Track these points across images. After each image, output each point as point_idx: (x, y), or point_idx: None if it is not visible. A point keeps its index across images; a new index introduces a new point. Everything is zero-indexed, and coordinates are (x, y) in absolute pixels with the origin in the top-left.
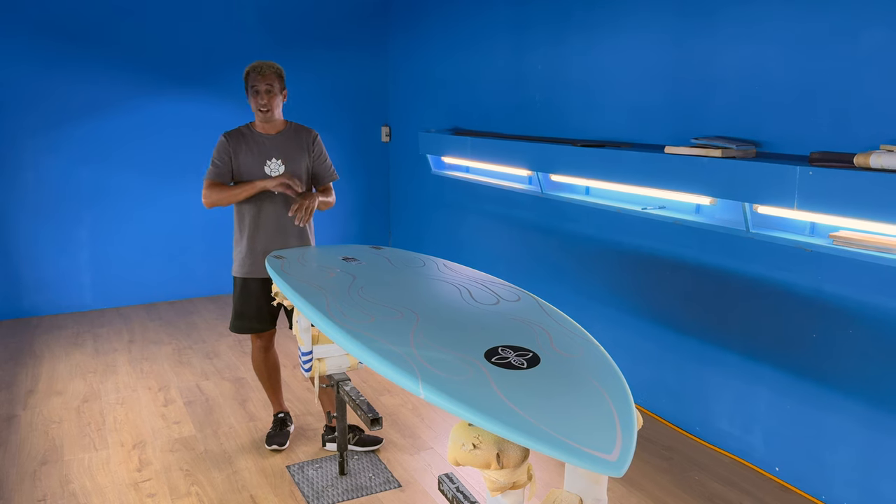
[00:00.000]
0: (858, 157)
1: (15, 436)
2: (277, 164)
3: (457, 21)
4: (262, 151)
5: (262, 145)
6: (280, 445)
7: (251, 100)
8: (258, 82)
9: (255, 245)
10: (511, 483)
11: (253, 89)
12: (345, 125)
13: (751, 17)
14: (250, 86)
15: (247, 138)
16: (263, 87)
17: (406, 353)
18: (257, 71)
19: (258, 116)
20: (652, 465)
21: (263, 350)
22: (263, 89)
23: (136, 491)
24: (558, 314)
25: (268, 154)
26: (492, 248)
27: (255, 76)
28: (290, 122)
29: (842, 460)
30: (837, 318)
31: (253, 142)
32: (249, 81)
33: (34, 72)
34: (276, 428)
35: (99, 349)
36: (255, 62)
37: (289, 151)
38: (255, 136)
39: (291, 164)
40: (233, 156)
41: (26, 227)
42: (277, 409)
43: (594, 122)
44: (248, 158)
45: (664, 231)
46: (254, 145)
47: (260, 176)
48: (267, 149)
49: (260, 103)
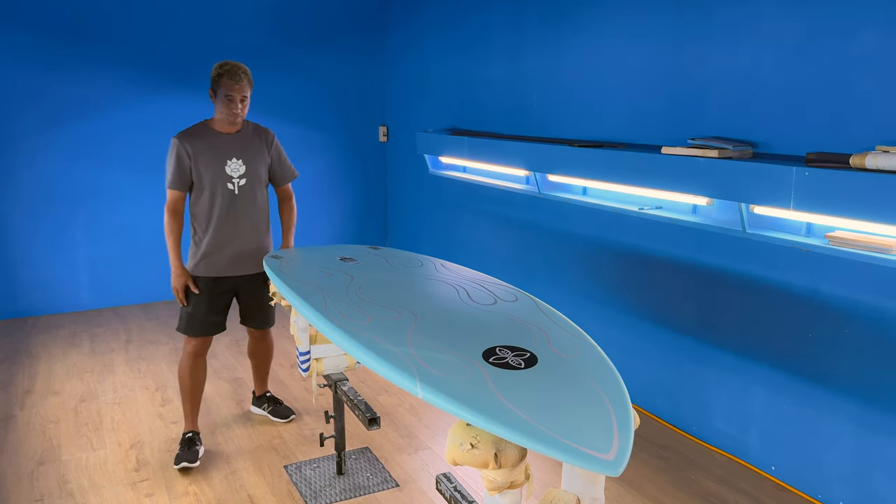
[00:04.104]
0: (854, 157)
1: (12, 436)
2: (238, 164)
3: (454, 21)
4: (222, 151)
5: (222, 145)
6: (190, 462)
7: (222, 105)
8: (233, 91)
9: (211, 244)
10: (509, 482)
11: (227, 97)
12: (342, 125)
13: (747, 17)
14: (224, 93)
15: (204, 138)
16: (238, 96)
17: (404, 352)
18: (232, 77)
19: (226, 121)
20: (649, 464)
21: (194, 356)
22: (238, 98)
23: (134, 490)
24: (555, 314)
25: (228, 154)
26: (489, 249)
27: (230, 83)
28: (247, 121)
29: (838, 459)
30: (833, 318)
31: (211, 141)
32: (222, 87)
33: (29, 71)
34: (184, 448)
35: (96, 349)
36: (227, 64)
37: (249, 151)
38: (213, 136)
39: (252, 165)
40: (191, 158)
41: (22, 226)
42: (189, 427)
43: (591, 123)
44: (208, 159)
45: (661, 231)
46: (212, 145)
47: (221, 176)
48: (227, 148)
49: (234, 112)
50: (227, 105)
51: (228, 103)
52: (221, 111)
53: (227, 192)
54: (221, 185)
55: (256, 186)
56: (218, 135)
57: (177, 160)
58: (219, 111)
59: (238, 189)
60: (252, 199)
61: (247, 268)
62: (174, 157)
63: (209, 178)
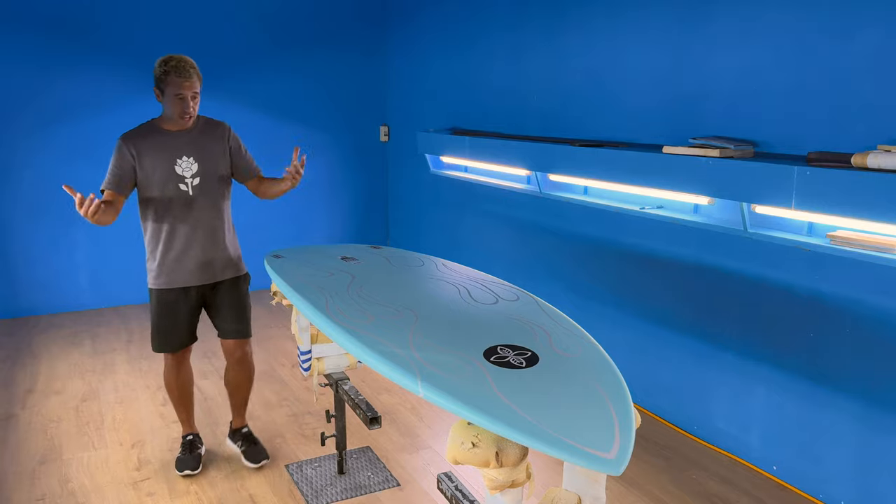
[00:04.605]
0: (856, 157)
1: (14, 435)
2: (189, 163)
3: (455, 20)
4: (172, 150)
5: (171, 144)
6: (192, 470)
7: (171, 104)
8: (183, 88)
9: (170, 252)
10: (510, 481)
11: (177, 96)
12: (343, 125)
13: (748, 16)
14: (173, 92)
15: (150, 138)
16: (189, 93)
17: (405, 352)
18: (180, 73)
19: (177, 120)
20: (650, 464)
21: (177, 367)
22: (189, 95)
23: (136, 490)
24: (557, 313)
25: (178, 152)
26: (490, 248)
27: (178, 80)
28: (199, 116)
29: (839, 459)
30: (835, 318)
31: (160, 141)
32: (170, 85)
33: (29, 70)
34: (186, 451)
35: (97, 348)
36: (172, 59)
37: (202, 149)
38: (161, 135)
39: (206, 163)
40: (136, 159)
41: (23, 226)
42: (187, 430)
43: (592, 122)
44: (156, 160)
45: (662, 231)
46: (161, 144)
47: (171, 177)
48: (176, 147)
49: (185, 111)
50: (178, 104)
51: (179, 102)
52: (172, 111)
53: (181, 193)
54: (173, 186)
55: (214, 185)
56: (166, 133)
57: (117, 163)
58: (168, 111)
59: (192, 189)
60: (209, 198)
61: (213, 274)
62: (115, 157)
63: (157, 179)
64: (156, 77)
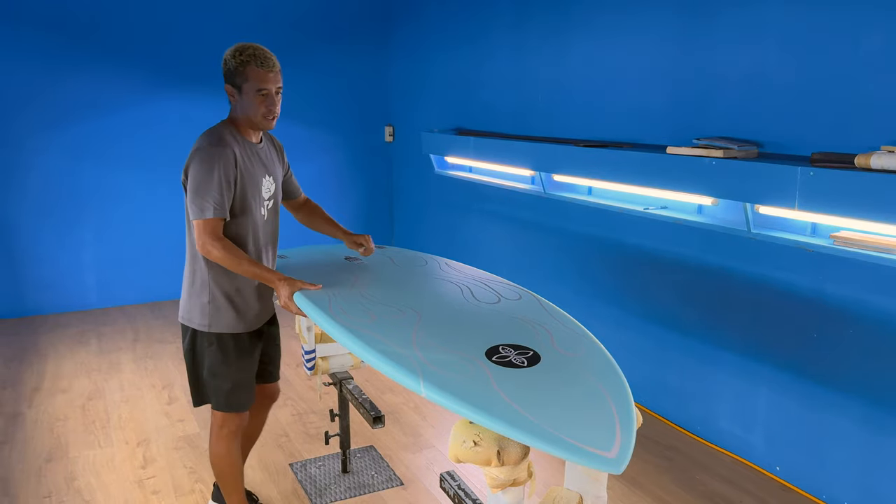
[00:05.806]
0: (859, 157)
1: (20, 433)
2: (269, 182)
3: (459, 20)
4: (259, 165)
5: (257, 157)
6: None
7: (252, 102)
8: (267, 82)
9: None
10: (511, 480)
11: (259, 91)
12: (348, 125)
13: (753, 17)
14: (255, 87)
15: (240, 146)
16: (274, 87)
17: (407, 351)
18: (262, 63)
19: (259, 121)
20: (653, 464)
21: (236, 436)
22: (274, 90)
23: (141, 488)
24: (559, 313)
25: (263, 169)
26: (494, 248)
27: (261, 71)
28: None
29: (842, 459)
30: (838, 318)
31: (249, 151)
32: (250, 77)
33: (35, 70)
34: None
35: (103, 348)
36: (250, 48)
37: (274, 166)
38: (247, 145)
39: (278, 183)
40: (239, 171)
41: (30, 226)
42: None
43: (596, 123)
44: (247, 176)
45: (666, 231)
46: (250, 156)
47: (256, 199)
48: (261, 162)
49: (271, 109)
50: (262, 102)
51: (263, 100)
52: (255, 111)
53: (258, 218)
54: (256, 210)
55: (277, 210)
56: (251, 144)
57: (224, 171)
58: (249, 111)
59: (267, 213)
60: (271, 225)
61: (270, 309)
62: (221, 169)
63: (246, 200)
64: (229, 71)
